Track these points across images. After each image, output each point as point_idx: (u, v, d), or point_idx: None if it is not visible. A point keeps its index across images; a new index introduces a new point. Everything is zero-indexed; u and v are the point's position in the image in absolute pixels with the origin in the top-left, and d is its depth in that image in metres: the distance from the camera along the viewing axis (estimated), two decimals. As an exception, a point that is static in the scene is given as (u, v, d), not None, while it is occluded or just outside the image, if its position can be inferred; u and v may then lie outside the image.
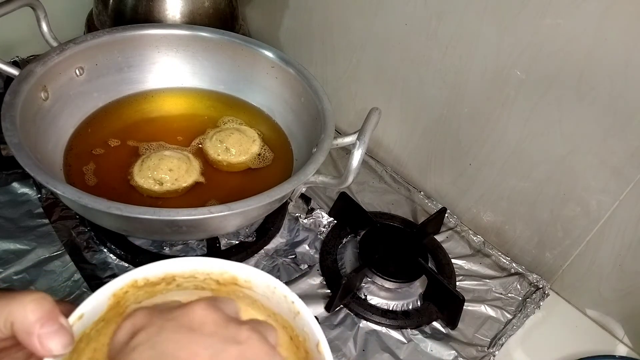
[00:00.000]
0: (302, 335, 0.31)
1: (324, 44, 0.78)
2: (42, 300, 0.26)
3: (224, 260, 0.33)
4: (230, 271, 0.33)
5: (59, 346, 0.26)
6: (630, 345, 0.62)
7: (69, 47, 0.58)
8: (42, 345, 0.26)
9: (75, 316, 0.28)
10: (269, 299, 0.33)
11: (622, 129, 0.52)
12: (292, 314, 0.32)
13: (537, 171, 0.61)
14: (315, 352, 0.30)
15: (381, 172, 0.77)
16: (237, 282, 0.33)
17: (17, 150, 0.46)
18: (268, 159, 0.63)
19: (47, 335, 0.26)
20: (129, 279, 0.31)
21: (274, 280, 0.32)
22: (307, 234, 0.66)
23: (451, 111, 0.67)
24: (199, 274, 0.33)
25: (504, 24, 0.56)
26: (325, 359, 0.29)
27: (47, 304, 0.26)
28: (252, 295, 0.34)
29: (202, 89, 0.69)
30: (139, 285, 0.31)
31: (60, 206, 0.61)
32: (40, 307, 0.26)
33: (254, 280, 0.33)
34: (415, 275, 0.62)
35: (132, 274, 0.31)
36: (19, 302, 0.26)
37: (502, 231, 0.69)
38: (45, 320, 0.26)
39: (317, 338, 0.30)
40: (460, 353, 0.57)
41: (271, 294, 0.33)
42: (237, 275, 0.33)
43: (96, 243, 0.58)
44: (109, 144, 0.60)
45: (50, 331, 0.26)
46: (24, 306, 0.26)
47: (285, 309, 0.32)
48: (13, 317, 0.26)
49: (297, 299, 0.32)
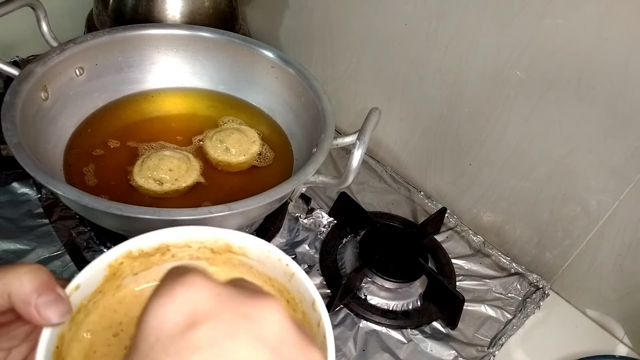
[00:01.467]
0: (298, 296, 0.32)
1: (324, 44, 0.78)
2: (38, 270, 0.26)
3: (217, 228, 0.33)
4: (223, 238, 0.33)
5: (57, 314, 0.26)
6: (630, 345, 0.62)
7: (69, 47, 0.58)
8: (40, 314, 0.26)
9: (71, 287, 0.28)
10: (263, 263, 0.33)
11: (622, 129, 0.52)
12: (287, 277, 0.32)
13: (537, 171, 0.61)
14: (312, 311, 0.30)
15: (381, 172, 0.77)
16: (231, 249, 0.33)
17: (17, 150, 0.46)
18: (268, 159, 0.63)
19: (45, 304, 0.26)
20: (123, 250, 0.31)
21: (267, 245, 0.33)
22: (307, 234, 0.66)
23: (451, 111, 0.67)
24: (193, 243, 0.33)
25: (504, 24, 0.56)
26: (322, 316, 0.29)
27: (43, 274, 0.26)
28: (247, 262, 0.34)
29: (202, 89, 0.69)
30: (134, 256, 0.32)
31: (60, 206, 0.61)
32: (37, 277, 0.26)
33: (248, 245, 0.33)
34: (415, 275, 0.62)
35: (126, 244, 0.31)
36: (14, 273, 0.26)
37: (502, 231, 0.69)
38: (42, 290, 0.26)
39: (313, 297, 0.30)
40: (460, 353, 0.57)
41: (265, 258, 0.33)
42: (230, 241, 0.33)
43: (96, 243, 0.58)
44: (109, 144, 0.60)
45: (48, 300, 0.26)
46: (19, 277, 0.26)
47: (280, 272, 0.32)
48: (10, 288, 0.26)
49: (291, 261, 0.32)
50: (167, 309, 0.21)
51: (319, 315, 0.29)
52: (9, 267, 0.26)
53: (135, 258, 0.32)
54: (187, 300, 0.21)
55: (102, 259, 0.30)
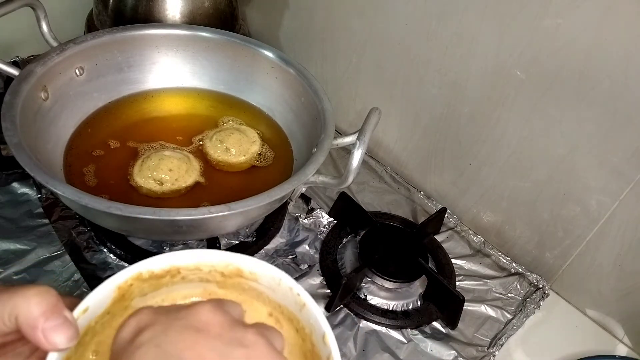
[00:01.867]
0: (309, 327, 0.31)
1: (324, 44, 0.78)
2: (46, 293, 0.26)
3: (229, 252, 0.33)
4: (234, 263, 0.33)
5: (64, 340, 0.26)
6: (630, 345, 0.62)
7: (69, 47, 0.58)
8: (46, 339, 0.25)
9: (79, 309, 0.28)
10: (274, 291, 0.33)
11: (622, 129, 0.52)
12: (298, 307, 0.32)
13: (537, 171, 0.61)
14: (322, 344, 0.30)
15: (381, 172, 0.77)
16: (242, 274, 0.33)
17: (17, 150, 0.46)
18: (268, 159, 0.63)
19: (52, 329, 0.26)
20: (134, 272, 0.31)
21: (278, 272, 0.33)
22: (307, 234, 0.66)
23: (451, 111, 0.67)
24: (204, 266, 0.33)
25: (504, 24, 0.56)
26: (332, 351, 0.29)
27: (51, 297, 0.26)
28: (257, 288, 0.34)
29: (202, 89, 0.69)
30: (144, 278, 0.31)
31: (60, 206, 0.61)
32: (45, 300, 0.26)
33: (259, 272, 0.33)
34: (415, 275, 0.62)
35: (137, 267, 0.31)
36: (22, 296, 0.26)
37: (502, 231, 0.69)
38: (50, 314, 0.26)
39: (323, 330, 0.30)
40: (460, 353, 0.57)
41: (276, 286, 0.33)
42: (241, 266, 0.33)
43: (96, 243, 0.58)
44: (109, 144, 0.60)
45: (55, 325, 0.26)
46: (27, 300, 0.26)
47: (291, 302, 0.32)
48: (17, 310, 0.25)
49: (303, 291, 0.32)
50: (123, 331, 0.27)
51: (329, 349, 0.29)
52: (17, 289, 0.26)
53: (145, 280, 0.32)
54: (134, 321, 0.27)
55: (112, 281, 0.30)
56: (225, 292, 0.34)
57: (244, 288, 0.34)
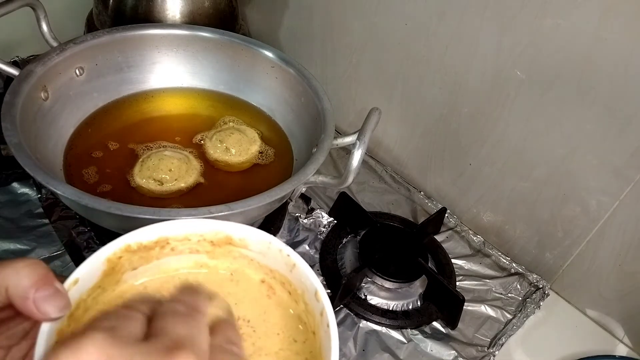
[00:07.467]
0: (300, 287, 0.32)
1: (324, 44, 0.78)
2: (36, 265, 0.26)
3: (217, 221, 0.33)
4: (224, 231, 0.33)
5: (56, 309, 0.26)
6: (630, 345, 0.62)
7: (69, 47, 0.58)
8: (38, 308, 0.25)
9: (70, 281, 0.28)
10: (264, 255, 0.33)
11: (622, 129, 0.52)
12: (289, 268, 0.32)
13: (537, 171, 0.61)
14: (314, 301, 0.30)
15: (381, 172, 0.77)
16: (231, 241, 0.33)
17: (17, 150, 0.46)
18: (268, 159, 0.63)
19: (43, 299, 0.25)
20: (122, 243, 0.31)
21: (268, 236, 0.33)
22: (307, 234, 0.66)
23: (451, 111, 0.67)
24: (193, 236, 0.33)
25: (504, 24, 0.56)
26: (325, 305, 0.29)
27: (41, 268, 0.26)
28: (247, 255, 0.34)
29: (202, 89, 0.69)
30: (133, 250, 0.31)
31: (60, 206, 0.61)
32: (35, 271, 0.26)
33: (249, 237, 0.33)
34: (415, 275, 0.62)
35: (124, 238, 0.31)
36: (12, 268, 0.26)
37: (502, 231, 0.69)
38: (40, 284, 0.26)
39: (315, 287, 0.30)
40: (460, 353, 0.57)
41: (266, 250, 0.33)
42: (231, 234, 0.33)
43: (96, 243, 0.58)
44: (108, 145, 0.60)
45: (46, 294, 0.26)
46: (17, 271, 0.25)
47: (282, 264, 0.32)
48: (7, 282, 0.25)
49: (292, 251, 0.32)
50: None
51: (322, 304, 0.29)
52: (7, 262, 0.26)
53: (134, 252, 0.31)
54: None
55: (101, 253, 0.30)
56: (216, 262, 0.34)
57: (234, 256, 0.34)
